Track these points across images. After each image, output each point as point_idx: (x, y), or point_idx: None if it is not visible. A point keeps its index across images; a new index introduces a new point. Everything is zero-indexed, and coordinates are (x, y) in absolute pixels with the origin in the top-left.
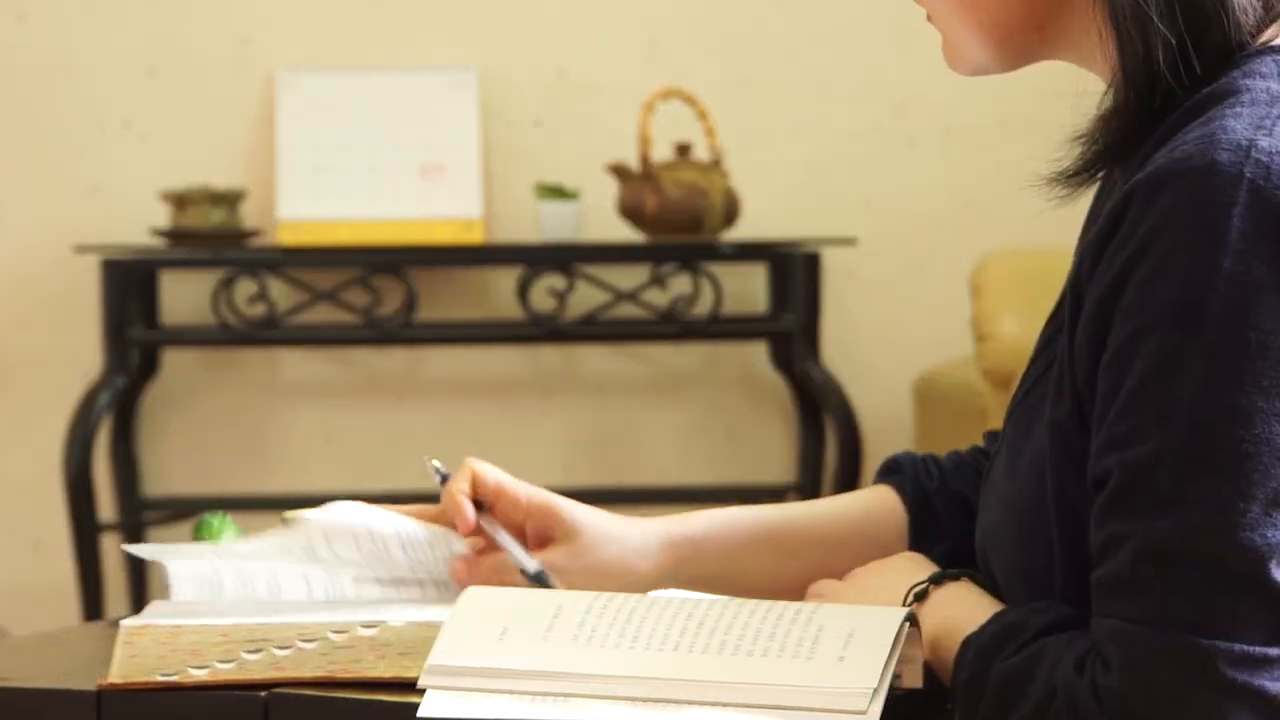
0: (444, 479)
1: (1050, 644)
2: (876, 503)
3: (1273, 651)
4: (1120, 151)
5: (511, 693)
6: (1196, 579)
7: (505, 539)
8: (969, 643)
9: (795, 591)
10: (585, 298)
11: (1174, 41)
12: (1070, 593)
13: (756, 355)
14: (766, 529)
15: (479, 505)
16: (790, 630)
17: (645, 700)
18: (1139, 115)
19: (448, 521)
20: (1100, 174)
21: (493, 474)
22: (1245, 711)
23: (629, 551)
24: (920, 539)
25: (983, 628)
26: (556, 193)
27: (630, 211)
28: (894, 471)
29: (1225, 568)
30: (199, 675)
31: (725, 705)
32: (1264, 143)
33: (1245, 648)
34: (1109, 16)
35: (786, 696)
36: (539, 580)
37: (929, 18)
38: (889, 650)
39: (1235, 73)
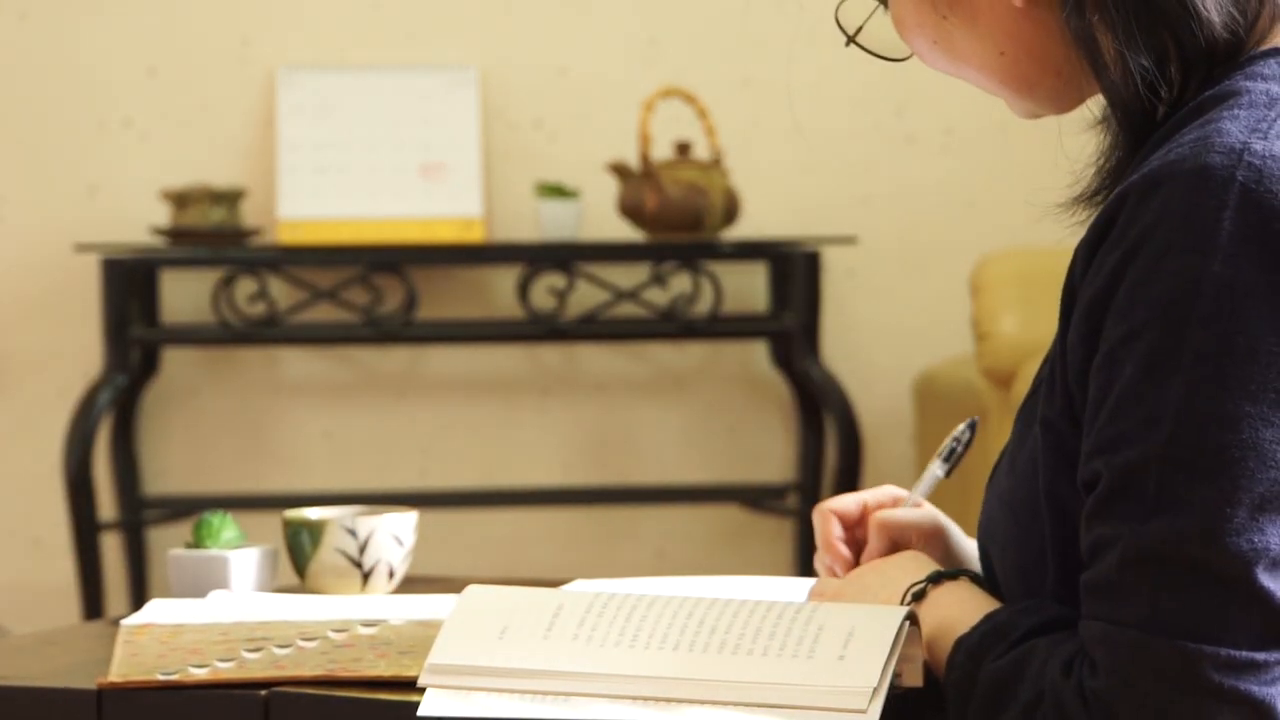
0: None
1: (1039, 646)
2: None
3: (1259, 656)
4: (1130, 165)
5: (512, 691)
6: (1183, 583)
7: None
8: (960, 643)
9: None
10: (585, 297)
11: (1146, 64)
12: (1061, 591)
13: (756, 354)
14: None
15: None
16: (790, 629)
17: (646, 699)
18: (1136, 133)
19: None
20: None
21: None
22: (1231, 716)
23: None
24: None
25: (973, 629)
26: (556, 192)
27: (630, 210)
28: None
29: (1211, 572)
30: (199, 674)
31: (726, 704)
32: (1258, 146)
33: (1231, 652)
34: (1082, 54)
35: (787, 695)
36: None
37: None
38: (889, 649)
39: (1238, 74)
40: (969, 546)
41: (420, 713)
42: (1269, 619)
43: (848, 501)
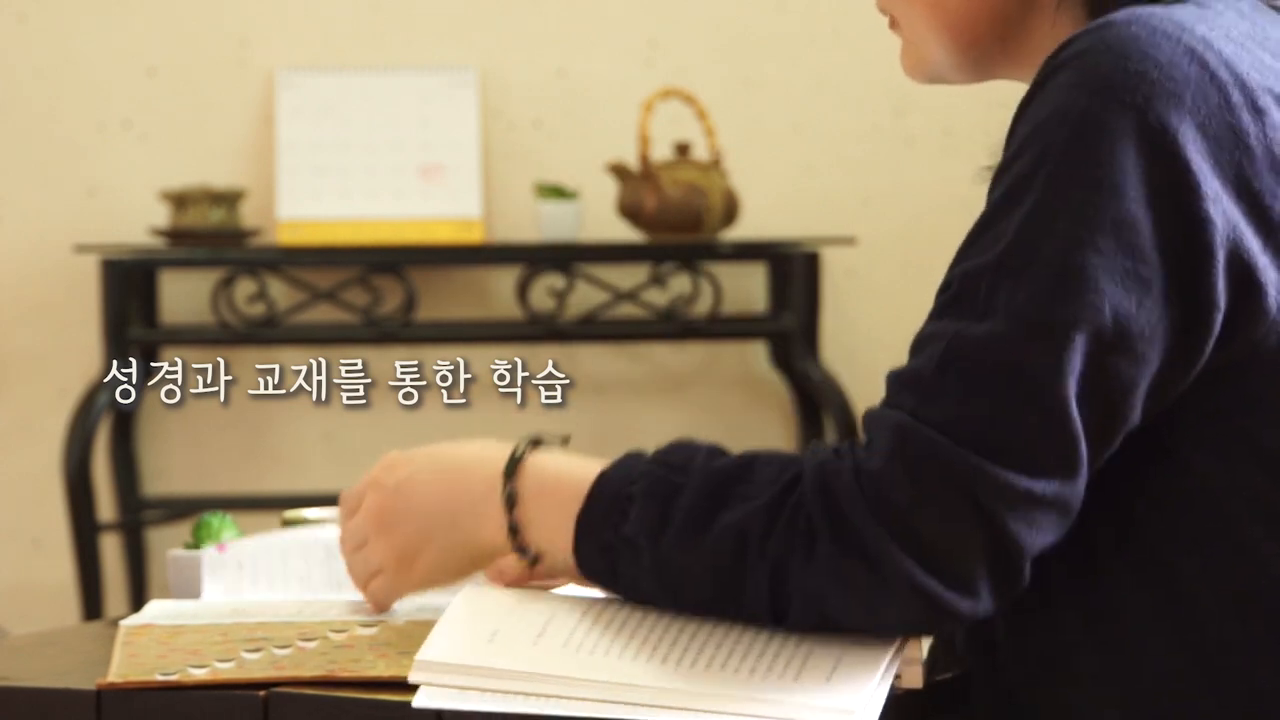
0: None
1: (764, 455)
2: None
3: (1037, 487)
4: None
5: (498, 692)
6: (992, 388)
7: None
8: (628, 459)
9: None
10: (585, 297)
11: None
12: None
13: (756, 355)
14: None
15: None
16: (781, 649)
17: (634, 704)
18: None
19: None
20: None
21: None
22: (984, 538)
23: None
24: None
25: (644, 451)
26: (556, 192)
27: (630, 211)
28: None
29: (1020, 380)
30: (198, 675)
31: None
32: (1159, 10)
33: (1012, 479)
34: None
35: (774, 711)
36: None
37: (891, 25)
38: (880, 673)
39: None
40: None
41: (415, 704)
42: (1062, 442)
43: None
